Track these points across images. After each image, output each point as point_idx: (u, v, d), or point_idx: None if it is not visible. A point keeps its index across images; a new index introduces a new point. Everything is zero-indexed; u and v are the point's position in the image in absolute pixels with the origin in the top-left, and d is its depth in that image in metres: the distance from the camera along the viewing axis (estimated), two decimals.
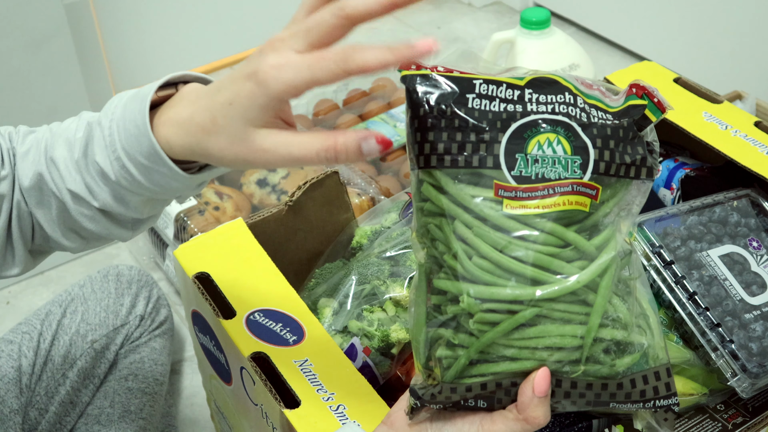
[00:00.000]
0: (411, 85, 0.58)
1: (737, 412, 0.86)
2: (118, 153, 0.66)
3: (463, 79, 0.59)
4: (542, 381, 0.57)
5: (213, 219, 1.33)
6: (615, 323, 0.59)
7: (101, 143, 0.67)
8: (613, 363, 0.59)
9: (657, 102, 0.60)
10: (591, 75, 1.60)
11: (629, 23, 1.91)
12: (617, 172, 0.59)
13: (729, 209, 0.90)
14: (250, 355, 0.75)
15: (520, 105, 0.59)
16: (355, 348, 0.83)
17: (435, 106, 0.58)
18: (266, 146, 0.59)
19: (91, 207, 0.69)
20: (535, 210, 0.57)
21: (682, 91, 1.02)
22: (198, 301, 0.82)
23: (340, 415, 0.71)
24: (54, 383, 1.08)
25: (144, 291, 1.21)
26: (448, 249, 0.58)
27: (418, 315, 0.61)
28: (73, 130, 0.70)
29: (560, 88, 0.60)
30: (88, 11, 1.61)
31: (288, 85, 0.57)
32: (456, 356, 0.58)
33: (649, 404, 0.60)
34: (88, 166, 0.68)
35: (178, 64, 1.88)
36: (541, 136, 0.58)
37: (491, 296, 0.56)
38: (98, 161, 0.67)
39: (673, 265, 0.84)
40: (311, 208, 0.94)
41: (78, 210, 0.70)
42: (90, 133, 0.68)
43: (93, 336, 1.14)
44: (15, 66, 1.36)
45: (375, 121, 1.53)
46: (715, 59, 1.73)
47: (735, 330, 0.81)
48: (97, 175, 0.68)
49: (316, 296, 0.89)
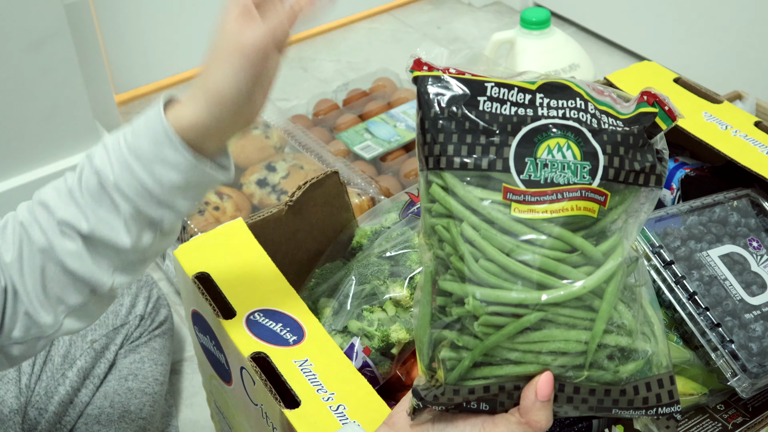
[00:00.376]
0: (422, 87, 0.59)
1: (737, 412, 0.86)
2: (121, 150, 0.67)
3: (475, 81, 0.59)
4: (545, 385, 0.57)
5: (213, 219, 1.33)
6: (620, 329, 0.59)
7: (102, 153, 0.69)
8: (617, 369, 0.58)
9: (668, 110, 0.60)
10: (591, 75, 1.60)
11: (629, 23, 1.91)
12: (626, 179, 0.59)
13: (729, 209, 0.90)
14: (250, 355, 0.75)
15: (531, 109, 0.59)
16: (355, 348, 0.83)
17: (446, 107, 0.58)
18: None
19: (78, 237, 0.69)
20: (543, 214, 0.57)
21: (682, 91, 1.02)
22: (198, 301, 0.82)
23: (340, 415, 0.71)
24: (53, 383, 1.08)
25: (144, 291, 1.21)
26: (454, 250, 0.58)
27: (422, 316, 0.61)
28: (62, 179, 0.72)
29: (571, 94, 0.60)
30: (88, 11, 1.61)
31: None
32: (460, 358, 0.58)
33: (652, 411, 0.60)
34: (82, 186, 0.69)
35: (178, 64, 1.88)
36: (551, 141, 0.58)
37: (497, 299, 0.56)
38: (96, 165, 0.68)
39: (673, 265, 0.84)
40: (311, 208, 0.94)
41: (63, 248, 0.69)
42: (86, 160, 0.70)
43: (92, 336, 1.14)
44: (15, 66, 1.36)
45: (375, 121, 1.53)
46: (715, 59, 1.73)
47: (735, 330, 0.81)
48: (90, 191, 0.69)
49: (316, 296, 0.89)
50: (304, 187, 0.92)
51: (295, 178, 1.39)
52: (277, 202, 1.37)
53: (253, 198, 1.40)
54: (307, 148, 1.46)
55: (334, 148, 1.47)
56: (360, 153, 1.47)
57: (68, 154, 1.50)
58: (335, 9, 2.21)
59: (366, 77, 1.70)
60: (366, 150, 1.47)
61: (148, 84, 1.90)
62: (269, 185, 1.40)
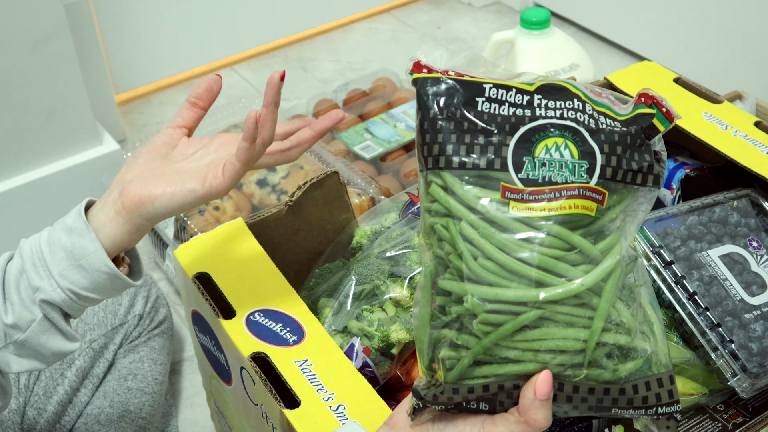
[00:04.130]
0: (422, 88, 0.60)
1: (737, 412, 0.86)
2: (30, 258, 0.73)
3: (473, 83, 0.60)
4: (544, 384, 0.57)
5: (213, 219, 1.33)
6: (618, 328, 0.59)
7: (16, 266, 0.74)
8: (616, 368, 0.59)
9: (665, 112, 0.60)
10: (591, 75, 1.60)
11: (629, 23, 1.91)
12: (624, 178, 0.59)
13: (729, 209, 0.90)
14: (250, 355, 0.75)
15: (528, 109, 0.59)
16: (355, 348, 0.83)
17: (444, 108, 0.59)
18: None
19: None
20: (541, 213, 0.57)
21: (682, 91, 1.02)
22: (198, 301, 0.82)
23: (340, 415, 0.71)
24: (52, 383, 1.08)
25: (142, 290, 1.21)
26: (454, 249, 0.58)
27: (422, 316, 0.61)
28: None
29: (569, 95, 0.60)
30: (88, 11, 1.61)
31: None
32: (459, 357, 0.58)
33: (651, 411, 0.60)
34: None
35: (178, 64, 1.88)
36: (548, 140, 0.58)
37: (495, 297, 0.56)
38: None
39: (673, 265, 0.84)
40: (311, 208, 0.94)
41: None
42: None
43: (91, 335, 1.14)
44: (15, 66, 1.37)
45: (375, 121, 1.53)
46: (715, 59, 1.73)
47: (735, 330, 0.81)
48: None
49: (316, 296, 0.89)
50: (304, 187, 0.92)
51: (295, 178, 1.39)
52: (277, 202, 1.37)
53: (253, 198, 1.40)
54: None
55: (334, 148, 1.47)
56: (360, 153, 1.47)
57: (68, 154, 1.50)
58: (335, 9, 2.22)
59: (366, 77, 1.70)
60: (366, 150, 1.47)
61: (148, 84, 1.90)
62: (269, 185, 1.40)
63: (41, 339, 0.72)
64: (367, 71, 1.89)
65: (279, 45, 2.04)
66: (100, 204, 0.73)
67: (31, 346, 0.73)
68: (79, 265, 0.71)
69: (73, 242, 0.71)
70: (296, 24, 2.04)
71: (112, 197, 0.72)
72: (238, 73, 1.96)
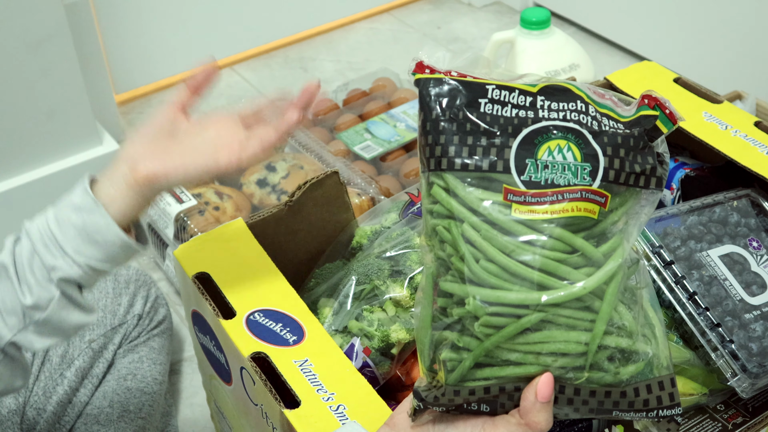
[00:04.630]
0: (424, 89, 0.59)
1: (737, 412, 0.86)
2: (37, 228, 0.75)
3: (476, 84, 0.59)
4: (545, 386, 0.57)
5: (213, 219, 1.33)
6: (620, 331, 0.59)
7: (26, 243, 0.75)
8: (617, 371, 0.58)
9: (669, 114, 0.60)
10: (591, 75, 1.60)
11: (629, 23, 1.91)
12: (627, 181, 0.59)
13: (729, 209, 0.90)
14: (250, 355, 0.75)
15: (531, 111, 0.59)
16: (355, 348, 0.83)
17: (447, 109, 0.58)
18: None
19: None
20: (543, 215, 0.57)
21: (682, 91, 1.02)
22: (198, 301, 0.82)
23: (340, 415, 0.71)
24: (52, 383, 1.08)
25: (142, 290, 1.21)
26: (455, 251, 0.58)
27: (423, 317, 0.61)
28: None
29: (572, 96, 0.60)
30: (88, 11, 1.61)
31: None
32: (460, 359, 0.58)
33: (652, 414, 0.60)
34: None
35: (178, 64, 1.88)
36: (551, 143, 0.58)
37: (497, 300, 0.56)
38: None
39: (673, 265, 0.84)
40: (311, 208, 0.94)
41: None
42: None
43: (91, 335, 1.14)
44: (15, 66, 1.36)
45: (375, 121, 1.53)
46: (715, 59, 1.73)
47: (735, 330, 0.81)
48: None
49: (316, 296, 0.89)
50: (304, 187, 0.92)
51: (295, 178, 1.39)
52: (277, 202, 1.37)
53: (253, 198, 1.40)
54: (307, 148, 1.46)
55: (334, 148, 1.47)
56: (360, 153, 1.47)
57: (68, 154, 1.50)
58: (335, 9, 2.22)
59: (366, 77, 1.70)
60: (366, 150, 1.47)
61: (148, 84, 1.90)
62: (269, 185, 1.40)
63: (61, 315, 0.75)
64: (367, 71, 1.88)
65: (279, 45, 2.04)
66: (106, 179, 0.75)
67: (52, 324, 0.75)
68: (93, 240, 0.73)
69: (84, 219, 0.73)
70: (296, 24, 2.04)
71: (120, 171, 0.74)
72: (238, 73, 1.96)
